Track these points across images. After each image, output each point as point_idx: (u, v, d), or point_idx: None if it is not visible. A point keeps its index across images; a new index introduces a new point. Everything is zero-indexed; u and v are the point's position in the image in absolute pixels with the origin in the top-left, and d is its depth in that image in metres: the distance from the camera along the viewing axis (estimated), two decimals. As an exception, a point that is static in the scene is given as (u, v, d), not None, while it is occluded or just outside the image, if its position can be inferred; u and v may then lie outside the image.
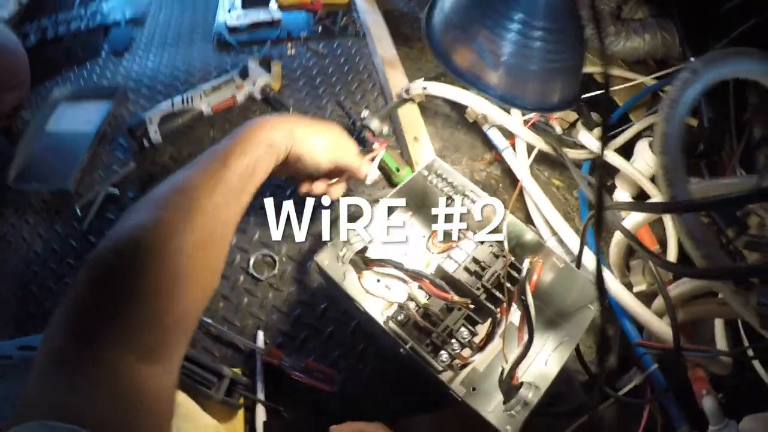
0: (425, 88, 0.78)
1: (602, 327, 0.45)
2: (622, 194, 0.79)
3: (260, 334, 0.65)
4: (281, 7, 1.06)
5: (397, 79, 0.87)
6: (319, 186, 0.65)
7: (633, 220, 0.66)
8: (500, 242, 0.62)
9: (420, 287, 0.59)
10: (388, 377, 0.63)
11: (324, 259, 0.56)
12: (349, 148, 0.64)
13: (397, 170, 0.78)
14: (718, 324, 0.61)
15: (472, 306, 0.57)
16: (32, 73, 0.92)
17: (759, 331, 0.47)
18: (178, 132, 0.85)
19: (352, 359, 0.64)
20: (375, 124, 0.76)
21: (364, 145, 0.74)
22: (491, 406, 0.52)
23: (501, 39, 0.56)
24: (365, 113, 0.81)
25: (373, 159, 0.70)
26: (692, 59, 0.76)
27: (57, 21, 1.18)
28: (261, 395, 0.61)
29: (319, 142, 0.59)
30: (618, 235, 0.70)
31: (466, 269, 0.60)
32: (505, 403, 0.53)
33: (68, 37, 1.13)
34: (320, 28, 1.04)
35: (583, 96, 0.76)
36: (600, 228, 0.52)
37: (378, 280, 0.63)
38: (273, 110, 0.89)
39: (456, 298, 0.55)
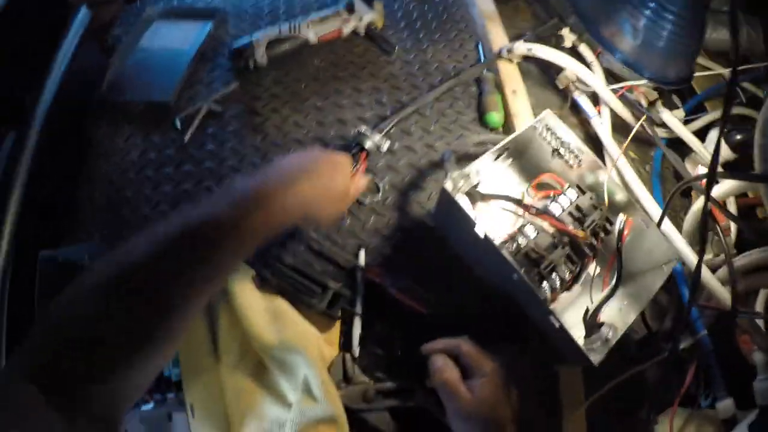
0: (530, 50, 0.84)
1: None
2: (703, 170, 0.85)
3: (362, 253, 0.72)
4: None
5: (496, 35, 0.92)
6: None
7: (719, 190, 0.75)
8: (600, 195, 0.70)
9: (536, 222, 0.66)
10: (476, 303, 0.69)
11: (448, 186, 0.63)
12: (348, 195, 0.65)
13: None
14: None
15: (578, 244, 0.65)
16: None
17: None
18: (283, 57, 0.90)
19: (444, 284, 0.70)
20: (369, 142, 0.76)
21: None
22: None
23: (642, 16, 0.64)
24: (363, 128, 0.77)
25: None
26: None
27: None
28: (359, 309, 0.68)
29: (327, 207, 0.59)
30: (694, 207, 0.78)
31: (570, 214, 0.68)
32: (586, 337, 0.61)
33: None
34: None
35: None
36: (705, 217, 0.58)
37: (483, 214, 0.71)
38: (377, 47, 0.95)
39: (574, 230, 0.62)
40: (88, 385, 0.40)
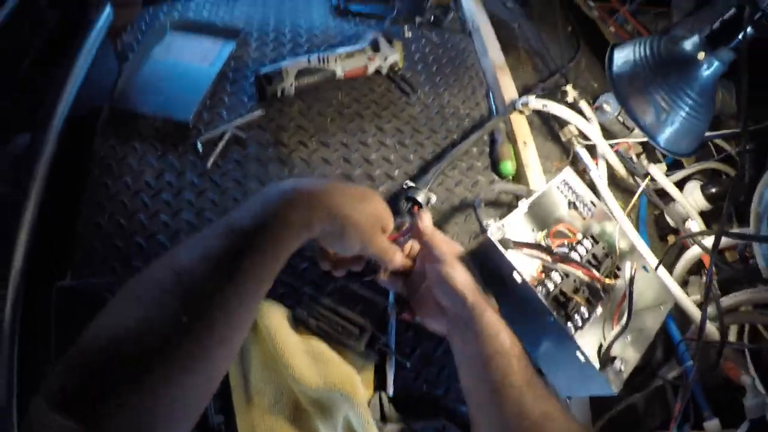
0: (545, 106, 0.93)
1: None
2: (693, 223, 0.97)
3: (392, 294, 0.73)
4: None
5: (507, 85, 1.00)
6: (341, 270, 0.64)
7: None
8: (609, 243, 0.79)
9: (567, 268, 0.73)
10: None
11: (494, 236, 0.69)
12: (383, 237, 0.61)
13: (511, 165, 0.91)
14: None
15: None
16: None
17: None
18: (308, 89, 0.92)
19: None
20: (422, 196, 0.77)
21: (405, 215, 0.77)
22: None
23: (669, 99, 0.80)
24: (409, 182, 0.79)
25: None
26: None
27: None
28: (393, 348, 0.71)
29: (356, 227, 0.54)
30: (688, 254, 0.90)
31: (588, 262, 0.76)
32: (600, 370, 0.69)
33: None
34: (432, 18, 1.15)
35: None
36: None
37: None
38: (396, 88, 0.99)
39: (602, 278, 0.71)
40: (128, 402, 0.38)
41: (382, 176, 0.86)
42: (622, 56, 0.88)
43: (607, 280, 0.73)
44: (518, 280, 0.67)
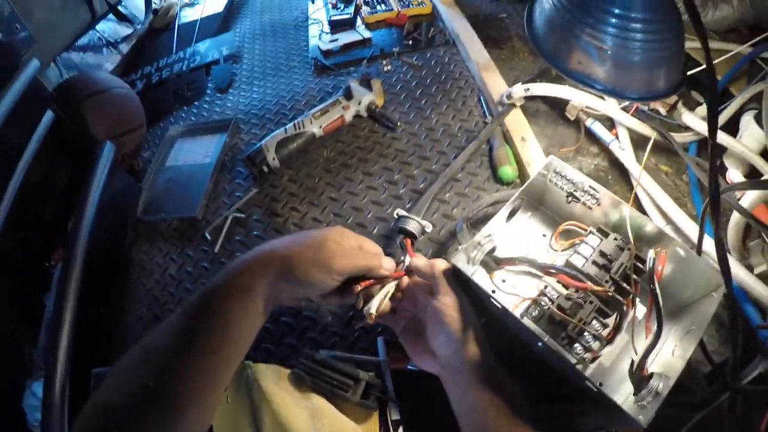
0: (528, 89, 0.85)
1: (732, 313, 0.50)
2: (735, 173, 0.80)
3: (380, 341, 0.73)
4: (368, 27, 1.17)
5: (495, 82, 0.94)
6: (346, 299, 0.63)
7: (750, 198, 0.71)
8: (625, 235, 0.67)
9: (554, 282, 0.64)
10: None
11: (458, 260, 0.64)
12: (351, 255, 0.60)
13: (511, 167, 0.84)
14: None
15: (606, 296, 0.62)
16: (146, 115, 1.07)
17: None
18: (293, 155, 0.96)
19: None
20: (413, 225, 0.71)
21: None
22: (621, 399, 0.54)
23: (603, 34, 0.62)
24: (399, 211, 0.72)
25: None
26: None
27: (159, 66, 1.36)
28: (393, 396, 0.68)
29: (307, 265, 0.56)
30: (736, 217, 0.74)
31: (594, 263, 0.65)
32: (635, 394, 0.57)
33: (172, 79, 1.29)
34: (411, 42, 1.13)
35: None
36: (717, 212, 0.55)
37: (503, 280, 0.70)
38: (380, 126, 0.99)
39: (595, 287, 0.60)
40: None
41: (372, 221, 0.85)
42: (537, 8, 0.73)
43: (599, 288, 0.62)
44: (498, 305, 0.61)
